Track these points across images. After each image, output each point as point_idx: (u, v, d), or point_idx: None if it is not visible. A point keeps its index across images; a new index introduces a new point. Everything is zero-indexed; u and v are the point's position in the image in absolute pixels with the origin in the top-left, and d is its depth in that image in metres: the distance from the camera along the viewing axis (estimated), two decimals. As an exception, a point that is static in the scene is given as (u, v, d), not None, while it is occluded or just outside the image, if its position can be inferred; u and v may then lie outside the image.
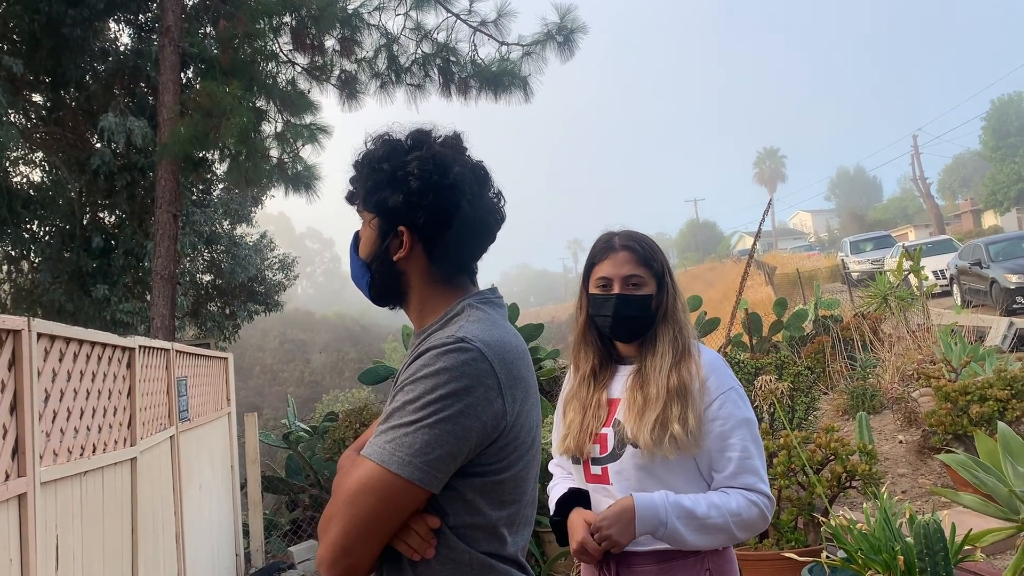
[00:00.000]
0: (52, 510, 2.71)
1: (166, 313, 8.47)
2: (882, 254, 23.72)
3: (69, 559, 2.86)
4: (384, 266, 1.46)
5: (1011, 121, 51.69)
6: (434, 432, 1.25)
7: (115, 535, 3.49)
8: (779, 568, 3.94)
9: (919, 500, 5.59)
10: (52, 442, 2.76)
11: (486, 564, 1.34)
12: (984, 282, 15.24)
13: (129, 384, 3.88)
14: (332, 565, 1.29)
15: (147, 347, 4.28)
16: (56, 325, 2.82)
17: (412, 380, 1.29)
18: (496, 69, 10.03)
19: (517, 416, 1.34)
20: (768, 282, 23.80)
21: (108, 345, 3.51)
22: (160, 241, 8.57)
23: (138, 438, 3.88)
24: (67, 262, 10.96)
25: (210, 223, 12.90)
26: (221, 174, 11.37)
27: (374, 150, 1.45)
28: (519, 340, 1.42)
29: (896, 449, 6.81)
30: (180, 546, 4.83)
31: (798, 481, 4.40)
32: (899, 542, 3.34)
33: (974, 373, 6.55)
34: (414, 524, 1.30)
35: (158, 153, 8.74)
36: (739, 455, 2.02)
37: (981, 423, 5.45)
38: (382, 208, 1.43)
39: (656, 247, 2.24)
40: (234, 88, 8.32)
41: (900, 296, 11.22)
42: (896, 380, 8.23)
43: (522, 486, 1.39)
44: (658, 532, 1.96)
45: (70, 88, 10.76)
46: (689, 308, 2.33)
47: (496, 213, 1.48)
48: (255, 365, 43.49)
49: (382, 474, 1.25)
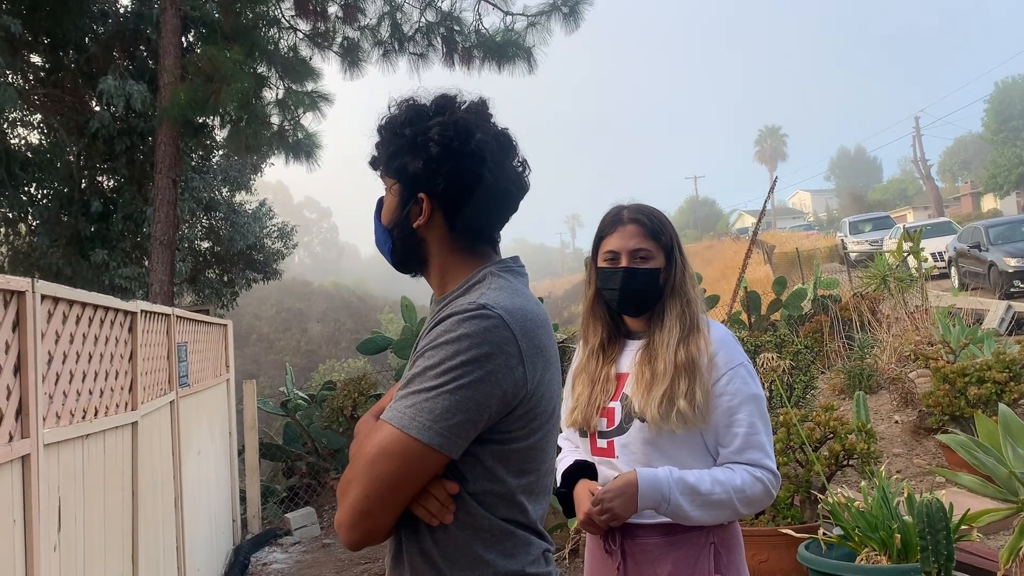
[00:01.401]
0: (55, 472, 2.71)
1: (165, 279, 8.45)
2: (881, 235, 23.71)
3: (71, 520, 2.87)
4: (405, 233, 1.45)
5: (1014, 104, 51.41)
6: (455, 398, 1.24)
7: (116, 498, 3.50)
8: (776, 544, 3.97)
9: (914, 480, 5.62)
10: (55, 404, 2.76)
11: (506, 531, 1.34)
12: (983, 265, 15.25)
13: (131, 348, 3.87)
14: (351, 528, 1.29)
15: (148, 312, 4.26)
16: (59, 287, 2.80)
17: (433, 346, 1.29)
18: (500, 39, 9.94)
19: (538, 385, 1.34)
20: (767, 261, 23.80)
21: (110, 309, 3.50)
22: (159, 206, 8.52)
23: (139, 402, 3.88)
24: (65, 226, 10.90)
25: (209, 190, 12.83)
26: (221, 140, 11.29)
27: (398, 115, 1.43)
28: (541, 309, 1.40)
29: (892, 429, 6.84)
30: (179, 510, 4.85)
31: (796, 458, 4.42)
32: (896, 521, 3.36)
33: (972, 355, 6.57)
34: (433, 489, 1.30)
35: (158, 117, 8.67)
36: (746, 431, 2.02)
37: (979, 405, 5.48)
38: (403, 174, 1.42)
39: (665, 220, 2.22)
40: (235, 53, 8.24)
41: (899, 277, 11.22)
42: (893, 361, 8.26)
43: (541, 455, 1.39)
44: (661, 507, 1.97)
45: (69, 50, 10.64)
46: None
47: (519, 182, 1.46)
48: (252, 333, 43.53)
49: (402, 438, 1.25)
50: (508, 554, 1.33)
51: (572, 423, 2.20)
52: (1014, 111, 51.11)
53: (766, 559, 4.02)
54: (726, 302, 10.67)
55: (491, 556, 1.32)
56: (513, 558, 1.34)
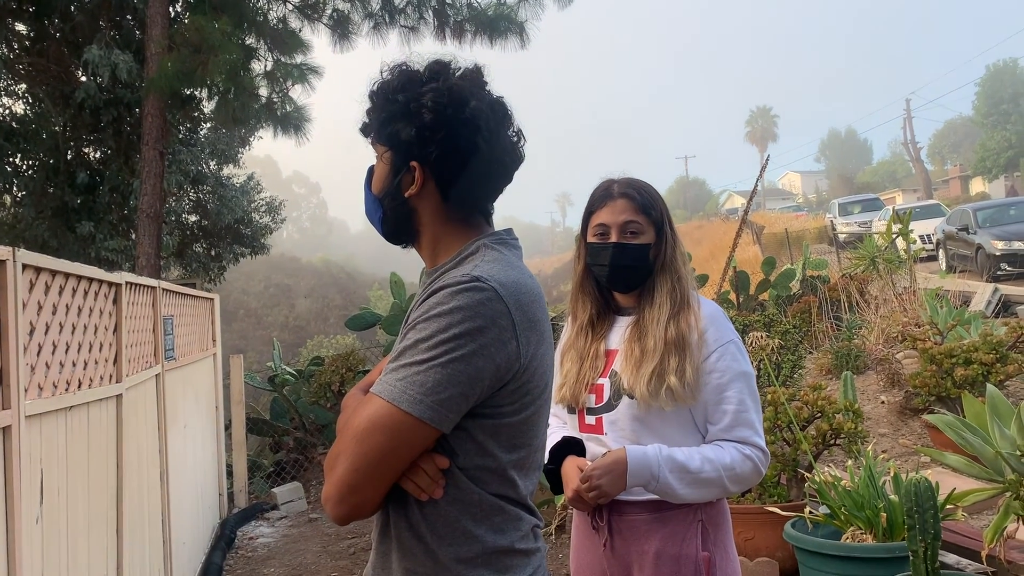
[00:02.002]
0: (37, 444, 2.67)
1: (151, 252, 8.37)
2: (870, 217, 23.78)
3: (54, 493, 2.84)
4: (396, 202, 1.41)
5: (1005, 88, 51.53)
6: (447, 371, 1.22)
7: (100, 471, 3.47)
8: (762, 522, 3.98)
9: (900, 460, 5.66)
10: (37, 376, 2.72)
11: (495, 506, 1.32)
12: (970, 248, 15.31)
13: (115, 320, 3.82)
14: (339, 502, 1.26)
15: (134, 284, 4.21)
16: (42, 257, 2.75)
17: (425, 318, 1.26)
18: (492, 13, 9.84)
19: (531, 359, 1.31)
20: (755, 241, 23.80)
21: (94, 280, 3.45)
22: (146, 179, 8.42)
23: (124, 375, 3.84)
24: (51, 197, 10.78)
25: (196, 162, 12.70)
26: (209, 112, 11.17)
27: (390, 80, 1.39)
28: (535, 283, 1.38)
29: (878, 409, 6.88)
30: (164, 484, 4.82)
31: (783, 437, 4.44)
32: (883, 500, 3.38)
33: (959, 337, 6.60)
34: (423, 464, 1.28)
35: (144, 88, 8.55)
36: (735, 408, 2.01)
37: (965, 386, 5.50)
38: (394, 141, 1.38)
39: (656, 195, 2.20)
40: (223, 24, 8.12)
41: (887, 259, 11.26)
42: (881, 342, 8.30)
43: (533, 430, 1.37)
44: (650, 485, 1.96)
45: (54, 18, 10.46)
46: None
47: (513, 152, 1.42)
48: (239, 308, 43.37)
49: (392, 412, 1.22)
50: (497, 529, 1.32)
51: (560, 400, 2.18)
52: (1004, 95, 51.23)
53: (752, 537, 4.04)
54: (715, 282, 10.68)
55: (480, 531, 1.31)
56: (502, 533, 1.32)
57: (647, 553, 2.02)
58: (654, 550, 2.01)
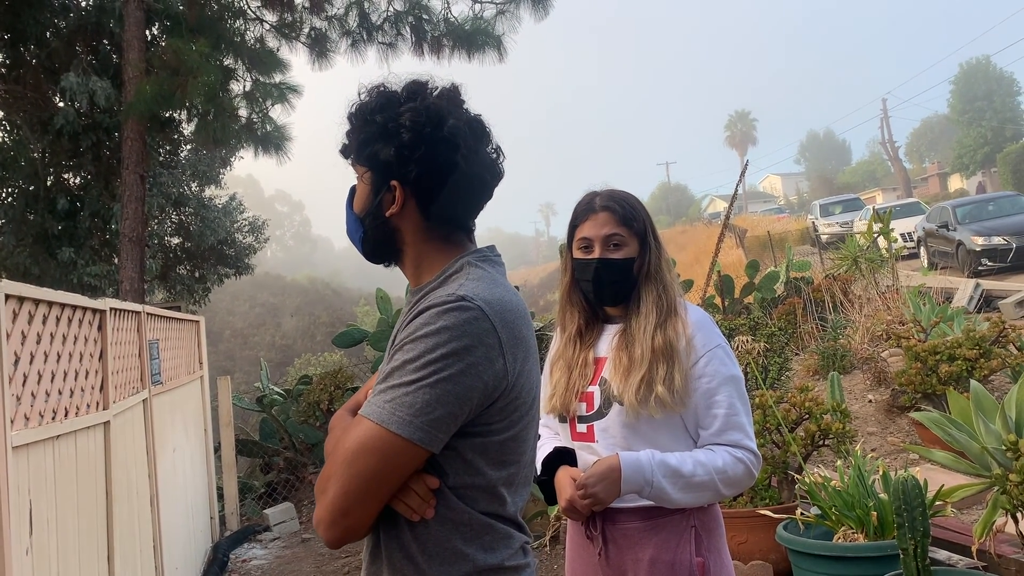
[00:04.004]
0: (24, 475, 2.66)
1: (135, 276, 8.34)
2: (851, 216, 23.95)
3: (43, 523, 2.82)
4: (377, 222, 1.42)
5: (978, 85, 52.05)
6: (435, 392, 1.22)
7: (89, 499, 3.44)
8: (754, 525, 4.00)
9: (889, 458, 5.69)
10: (23, 406, 2.70)
11: (485, 524, 1.33)
12: (951, 244, 15.44)
13: (101, 347, 3.80)
14: (331, 525, 1.26)
15: (118, 309, 4.20)
16: (24, 286, 2.74)
17: (412, 339, 1.26)
18: (470, 28, 9.89)
19: (518, 376, 1.32)
20: (739, 244, 23.95)
21: (78, 307, 3.44)
22: (127, 203, 8.40)
23: (111, 401, 3.82)
24: (31, 224, 10.71)
25: (178, 185, 12.66)
26: (189, 134, 11.15)
27: (368, 101, 1.40)
28: (519, 299, 1.39)
29: (866, 408, 6.92)
30: (155, 509, 4.79)
31: (772, 439, 4.46)
32: (872, 499, 3.40)
33: (943, 333, 6.65)
34: (413, 484, 1.28)
35: (123, 112, 8.54)
36: (725, 412, 2.02)
37: (950, 382, 5.54)
38: (374, 161, 1.39)
39: (638, 205, 2.21)
40: (201, 46, 8.13)
41: (870, 258, 11.34)
42: (866, 341, 8.34)
43: (522, 446, 1.37)
44: (644, 491, 1.97)
45: (30, 45, 10.43)
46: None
47: (493, 169, 1.43)
48: (225, 329, 43.14)
49: (382, 434, 1.23)
50: (488, 548, 1.32)
51: (551, 410, 2.19)
52: (978, 92, 51.77)
53: (745, 540, 4.05)
54: (700, 286, 10.73)
55: (471, 550, 1.31)
56: (493, 552, 1.33)
57: (642, 560, 2.02)
58: (648, 557, 2.02)
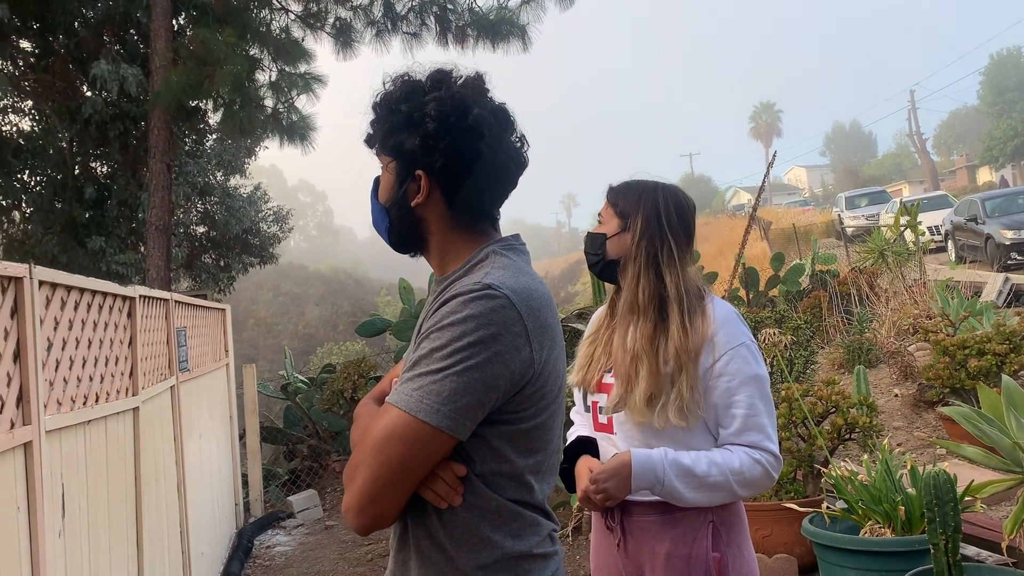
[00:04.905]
0: (57, 458, 2.70)
1: (161, 264, 8.42)
2: (877, 209, 23.70)
3: (75, 507, 2.86)
4: (403, 212, 1.42)
5: (1009, 76, 51.30)
6: (462, 380, 1.23)
7: (119, 483, 3.49)
8: (779, 519, 3.98)
9: (915, 452, 5.64)
10: (56, 391, 2.74)
11: (513, 511, 1.33)
12: (979, 238, 15.23)
13: (130, 334, 3.84)
14: (360, 513, 1.27)
15: (147, 297, 4.24)
16: (57, 273, 2.77)
17: (439, 327, 1.27)
18: (494, 17, 9.85)
19: (544, 364, 1.32)
20: (763, 237, 23.76)
21: (109, 294, 3.47)
22: (154, 192, 8.47)
23: (140, 388, 3.86)
24: (60, 213, 10.84)
25: (204, 174, 12.77)
26: (214, 124, 11.22)
27: (393, 91, 1.40)
28: (544, 287, 1.39)
29: (892, 403, 6.86)
30: (182, 495, 4.85)
31: (798, 433, 4.43)
32: (900, 493, 3.37)
33: (972, 327, 6.58)
34: (441, 472, 1.29)
35: (151, 102, 8.60)
36: (745, 412, 1.97)
37: (979, 377, 5.48)
38: (399, 151, 1.39)
39: (632, 188, 2.16)
40: (227, 35, 8.16)
41: (896, 251, 11.22)
42: (892, 335, 8.27)
43: (548, 434, 1.37)
44: (655, 489, 1.95)
45: (59, 35, 10.53)
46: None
47: (517, 158, 1.43)
48: (249, 318, 43.50)
49: (410, 421, 1.23)
50: (515, 535, 1.33)
51: (572, 382, 2.19)
52: (1009, 83, 51.02)
53: (770, 533, 4.03)
54: (725, 279, 10.67)
55: (499, 537, 1.31)
56: (520, 539, 1.33)
57: (658, 554, 2.01)
58: (665, 551, 2.00)
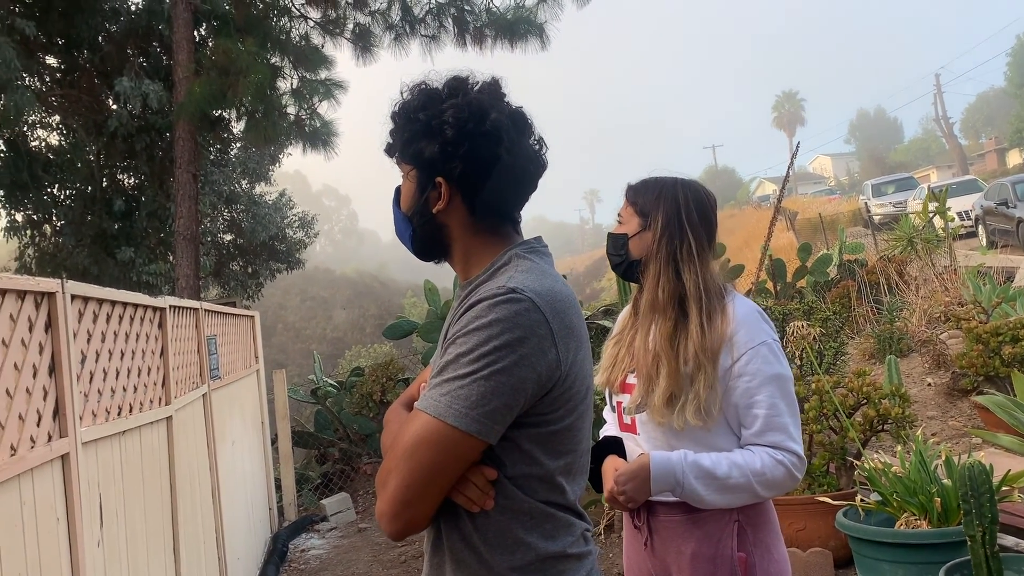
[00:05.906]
0: (94, 469, 2.74)
1: (190, 273, 8.52)
2: (904, 196, 23.36)
3: (112, 517, 2.91)
4: (425, 219, 1.44)
5: (1037, 56, 50.39)
6: (490, 384, 1.24)
7: (155, 492, 3.54)
8: (813, 512, 3.95)
9: (949, 442, 5.57)
10: (91, 403, 2.79)
11: (546, 513, 1.34)
12: (1011, 222, 14.97)
13: (161, 344, 3.90)
14: (393, 518, 1.29)
15: (177, 307, 4.29)
16: (89, 287, 2.82)
17: (465, 332, 1.28)
18: (511, 17, 9.87)
19: (571, 366, 1.33)
20: (790, 227, 23.56)
21: (139, 306, 3.52)
22: (181, 202, 8.58)
23: (172, 397, 3.92)
24: (89, 225, 11.01)
25: (229, 182, 12.90)
26: (238, 133, 11.34)
27: (410, 100, 1.41)
28: (568, 289, 1.40)
29: (925, 392, 6.77)
30: (216, 501, 4.91)
31: (829, 425, 4.39)
32: (935, 484, 3.33)
33: (1005, 314, 6.48)
34: (472, 476, 1.30)
35: (175, 113, 8.71)
36: (766, 412, 1.94)
37: (1014, 364, 5.40)
38: (419, 159, 1.40)
39: (652, 186, 2.13)
40: (249, 45, 8.26)
41: (925, 238, 11.08)
42: (923, 323, 8.17)
43: (577, 435, 1.38)
44: (675, 491, 1.94)
45: (83, 50, 10.70)
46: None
47: (536, 160, 1.44)
48: (278, 323, 43.89)
49: (439, 427, 1.25)
50: (549, 536, 1.34)
51: (598, 383, 2.17)
52: (1038, 64, 50.08)
53: (803, 527, 4.01)
54: (751, 271, 10.59)
55: (532, 539, 1.32)
56: (554, 540, 1.34)
57: (684, 553, 2.00)
58: (690, 551, 1.99)
